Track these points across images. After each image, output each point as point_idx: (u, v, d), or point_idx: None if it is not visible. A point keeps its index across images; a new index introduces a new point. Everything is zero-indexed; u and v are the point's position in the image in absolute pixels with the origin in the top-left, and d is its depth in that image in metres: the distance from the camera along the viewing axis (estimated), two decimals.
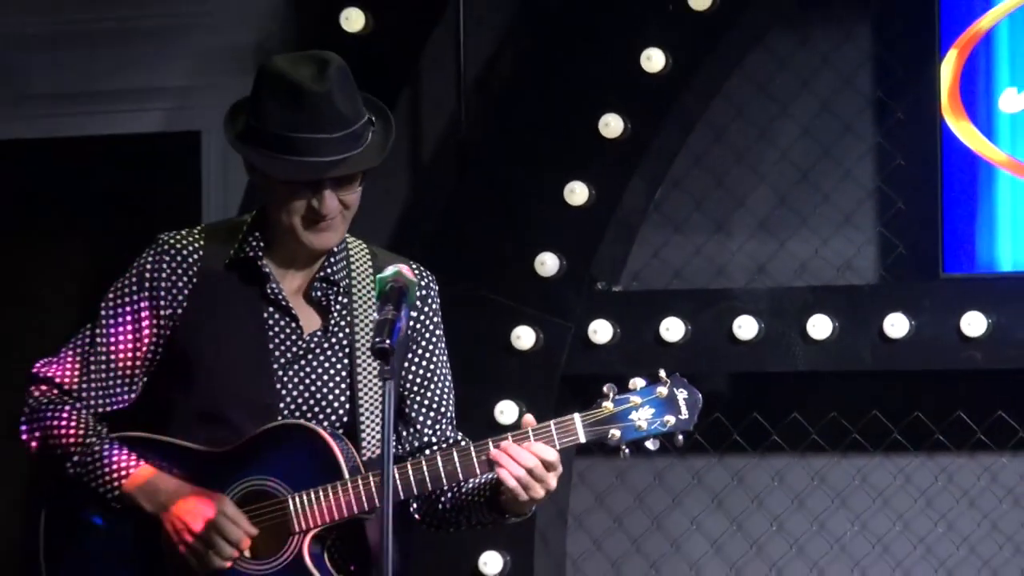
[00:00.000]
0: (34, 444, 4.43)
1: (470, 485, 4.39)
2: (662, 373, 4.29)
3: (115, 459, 4.39)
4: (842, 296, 5.80)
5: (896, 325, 5.63)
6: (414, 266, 4.50)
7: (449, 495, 4.40)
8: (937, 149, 5.73)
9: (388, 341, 3.93)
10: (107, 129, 6.63)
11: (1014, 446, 5.82)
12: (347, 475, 4.29)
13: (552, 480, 4.28)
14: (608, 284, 5.98)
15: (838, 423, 5.95)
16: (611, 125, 5.82)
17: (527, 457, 4.21)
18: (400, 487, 4.31)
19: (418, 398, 4.55)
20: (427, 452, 4.48)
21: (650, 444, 4.26)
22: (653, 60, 5.79)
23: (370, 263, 4.52)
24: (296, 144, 4.33)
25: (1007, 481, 5.90)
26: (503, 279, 5.89)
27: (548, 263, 5.84)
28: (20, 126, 6.78)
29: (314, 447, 4.38)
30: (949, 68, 5.71)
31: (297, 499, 4.33)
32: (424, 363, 4.56)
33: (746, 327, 5.71)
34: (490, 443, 4.26)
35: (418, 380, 4.55)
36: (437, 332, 4.57)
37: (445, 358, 4.61)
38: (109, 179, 6.69)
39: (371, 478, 4.32)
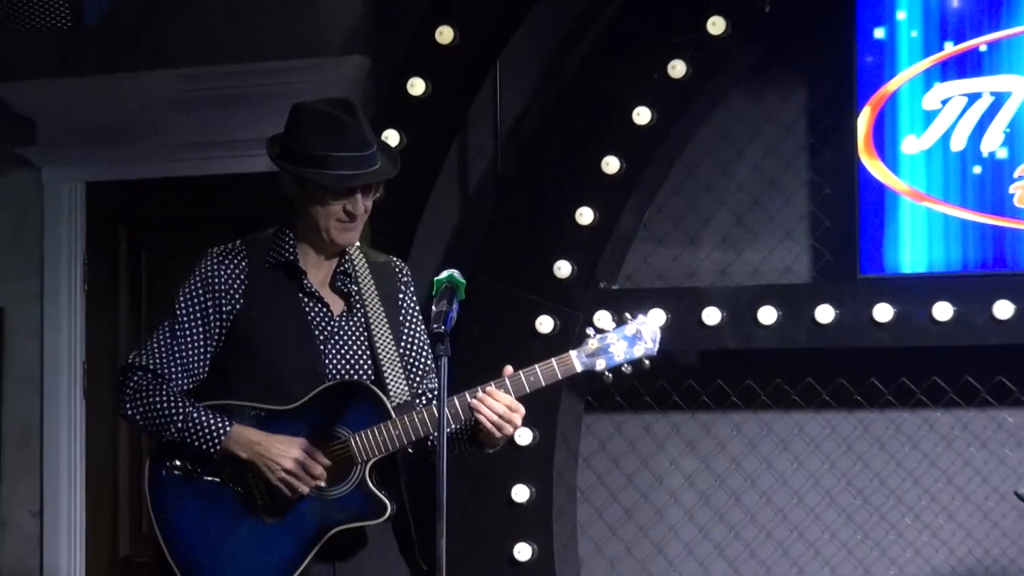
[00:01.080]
0: (138, 418, 4.54)
1: (455, 426, 4.49)
2: (628, 315, 4.52)
3: (212, 422, 4.49)
4: (784, 292, 5.82)
5: (824, 314, 5.67)
6: (397, 261, 4.77)
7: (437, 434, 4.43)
8: (855, 182, 5.72)
9: (444, 327, 4.12)
10: (227, 170, 6.52)
11: (914, 404, 5.82)
12: (394, 416, 4.44)
13: (517, 420, 4.43)
14: (608, 283, 5.98)
15: (781, 387, 5.96)
16: (611, 164, 5.86)
17: (497, 405, 4.37)
18: (430, 424, 4.44)
19: (420, 356, 4.69)
20: (430, 395, 4.65)
21: (625, 368, 4.47)
22: (642, 116, 5.83)
23: (365, 259, 4.66)
24: (339, 161, 4.48)
25: (909, 431, 5.88)
26: (529, 281, 5.89)
27: (563, 268, 5.89)
28: (162, 167, 6.67)
29: (364, 398, 4.52)
30: (864, 120, 5.70)
31: (357, 438, 4.46)
32: (417, 332, 4.71)
33: (711, 315, 5.75)
34: (467, 394, 4.40)
35: (415, 344, 4.70)
36: (417, 307, 4.71)
37: (422, 323, 4.73)
38: (231, 209, 6.53)
39: (405, 418, 4.44)
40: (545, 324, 5.82)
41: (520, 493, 5.84)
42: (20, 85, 6.67)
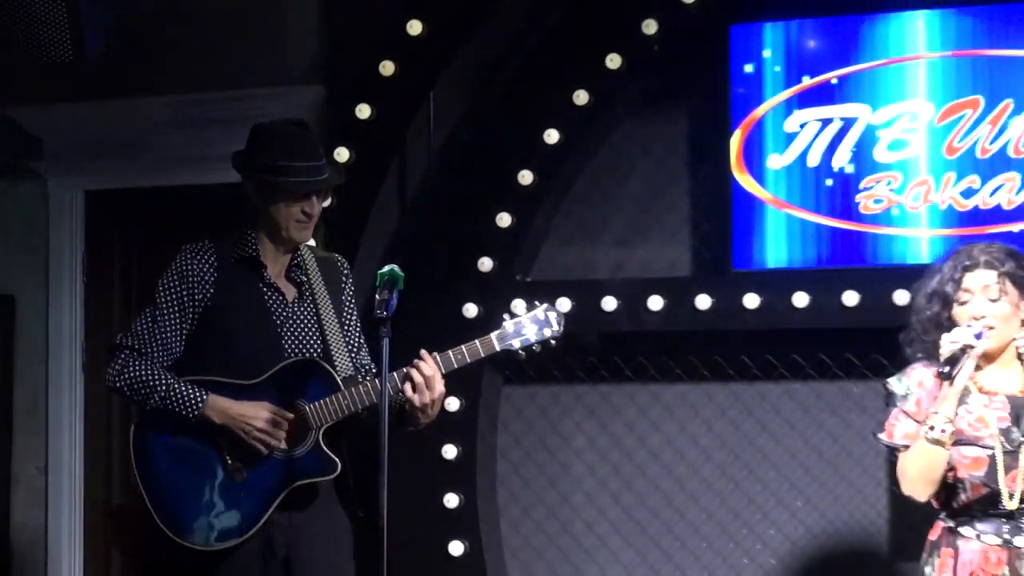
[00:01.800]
0: (125, 389, 4.54)
1: (394, 395, 4.47)
2: (537, 303, 4.60)
3: (190, 392, 4.49)
4: (669, 284, 5.81)
5: (703, 302, 5.68)
6: (339, 257, 4.81)
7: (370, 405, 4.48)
8: (728, 192, 5.72)
9: (386, 313, 4.18)
10: (204, 181, 6.40)
11: (777, 377, 5.84)
12: (342, 388, 4.48)
13: (438, 385, 4.47)
14: (523, 276, 5.98)
15: (667, 363, 5.96)
16: (526, 177, 5.86)
17: (427, 368, 4.43)
18: (373, 395, 4.46)
19: (355, 335, 4.75)
20: (369, 368, 4.69)
21: (535, 348, 4.55)
22: (551, 136, 5.83)
23: (313, 255, 4.71)
24: (298, 170, 4.53)
25: (773, 400, 5.89)
26: (458, 274, 5.89)
27: (486, 263, 5.90)
28: (150, 178, 6.63)
29: (317, 373, 4.55)
30: (736, 141, 5.69)
31: (312, 407, 4.50)
32: (354, 316, 4.77)
33: (608, 303, 5.75)
34: (404, 369, 4.45)
35: (351, 325, 4.75)
36: (354, 295, 4.78)
37: (357, 312, 4.79)
38: (207, 212, 6.12)
39: (352, 390, 4.46)
40: (470, 310, 5.83)
41: (449, 451, 5.85)
42: (30, 108, 6.64)
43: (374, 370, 4.71)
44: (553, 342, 4.59)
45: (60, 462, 6.75)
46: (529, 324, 4.59)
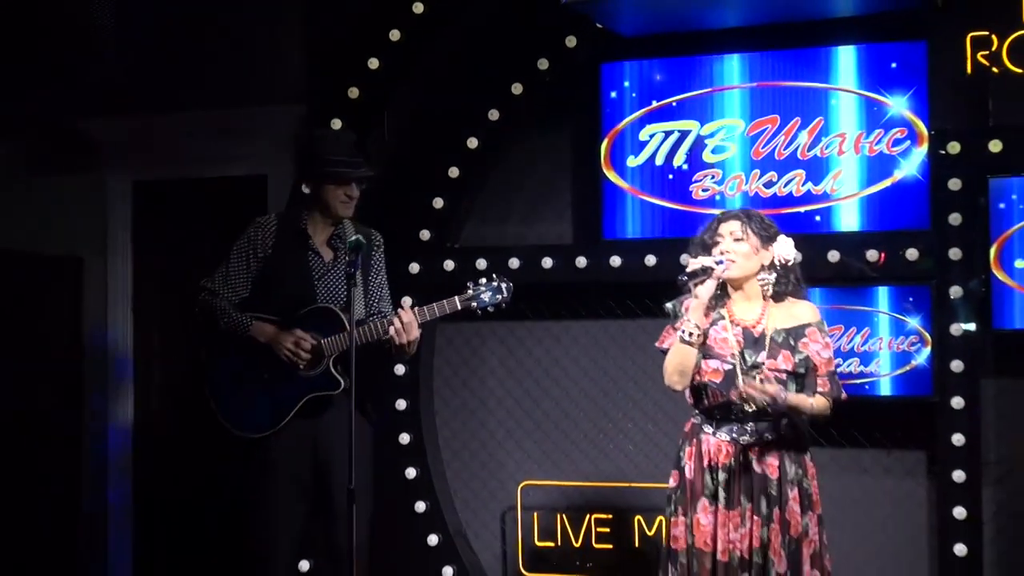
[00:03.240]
0: (200, 316, 4.61)
1: (383, 335, 4.48)
2: (494, 275, 4.62)
3: (242, 319, 4.56)
4: (558, 249, 5.77)
5: (581, 262, 5.68)
6: (375, 232, 4.75)
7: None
8: (600, 184, 5.70)
9: (353, 270, 4.24)
10: (220, 174, 6.42)
11: (633, 315, 5.76)
12: (348, 328, 4.39)
13: (414, 331, 4.46)
14: (452, 244, 5.96)
15: (558, 307, 5.94)
16: (454, 172, 5.85)
17: (397, 321, 4.46)
18: (370, 334, 4.46)
19: (377, 292, 4.73)
20: (384, 316, 4.64)
21: (490, 308, 4.57)
22: (473, 143, 5.83)
23: (354, 228, 4.64)
24: (345, 163, 4.56)
25: (631, 331, 5.78)
26: (407, 241, 5.79)
27: (425, 234, 5.89)
28: (181, 171, 6.56)
29: (331, 317, 4.56)
30: (604, 147, 5.69)
31: (326, 340, 4.53)
32: (380, 276, 4.77)
33: (513, 263, 5.73)
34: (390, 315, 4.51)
35: (375, 283, 4.75)
36: (383, 261, 4.78)
37: (385, 276, 4.81)
38: (224, 197, 6.45)
39: (359, 329, 4.45)
40: (414, 268, 5.83)
41: (399, 369, 5.85)
42: (91, 121, 6.60)
43: (384, 315, 4.68)
44: (504, 305, 4.55)
45: (116, 393, 6.67)
46: (487, 291, 4.55)
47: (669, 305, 4.21)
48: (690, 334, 4.02)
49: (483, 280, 4.57)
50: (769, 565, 3.96)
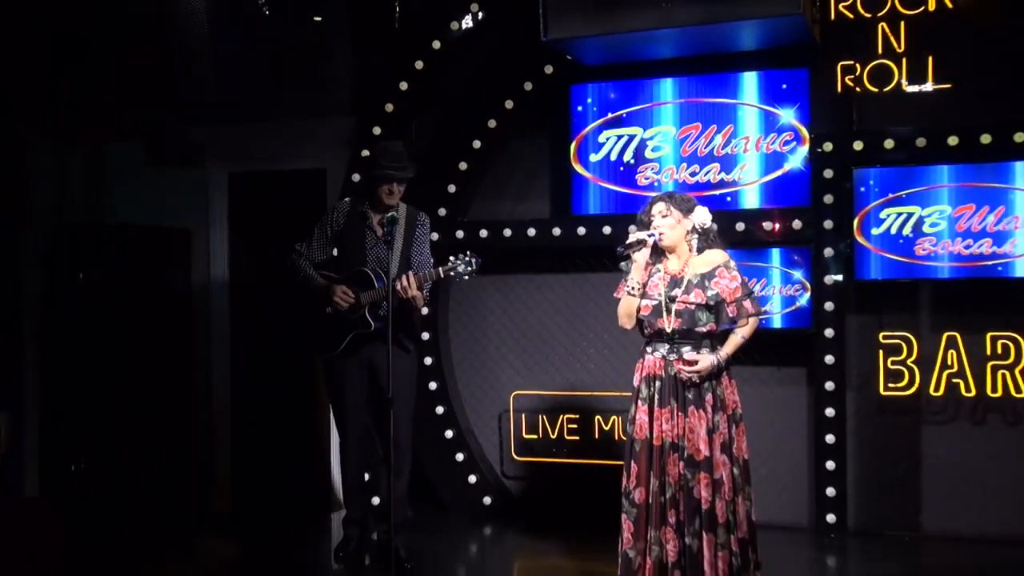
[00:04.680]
0: (289, 270, 4.62)
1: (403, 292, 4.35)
2: (469, 253, 4.55)
3: (316, 277, 4.57)
4: (540, 222, 5.70)
5: (556, 231, 5.64)
6: (422, 213, 4.66)
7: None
8: (570, 174, 5.66)
9: (390, 237, 4.30)
10: (291, 167, 6.24)
11: (596, 270, 5.73)
12: (376, 286, 4.47)
13: (412, 290, 4.36)
14: (462, 218, 5.87)
15: (539, 263, 5.89)
16: (463, 166, 5.78)
17: (399, 283, 4.38)
18: (394, 290, 4.37)
19: (419, 258, 4.67)
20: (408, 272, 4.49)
21: (466, 277, 4.51)
22: (477, 144, 5.75)
23: (406, 209, 4.58)
24: (396, 168, 4.51)
25: (593, 282, 5.72)
26: (432, 218, 5.35)
27: (443, 211, 5.77)
28: (261, 165, 6.22)
29: (366, 276, 4.56)
30: (573, 147, 5.66)
31: (363, 294, 4.55)
32: (424, 247, 4.71)
33: (507, 232, 5.70)
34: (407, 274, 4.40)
35: (419, 251, 4.69)
36: (427, 234, 4.71)
37: (428, 245, 4.74)
38: (293, 184, 6.31)
39: (390, 283, 4.35)
40: (434, 236, 5.62)
41: (424, 311, 5.60)
42: (194, 125, 6.39)
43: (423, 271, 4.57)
44: (473, 275, 4.54)
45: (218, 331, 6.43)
46: (463, 264, 4.52)
47: (623, 264, 4.18)
48: (632, 288, 4.04)
49: (460, 256, 4.52)
50: (691, 449, 3.98)
